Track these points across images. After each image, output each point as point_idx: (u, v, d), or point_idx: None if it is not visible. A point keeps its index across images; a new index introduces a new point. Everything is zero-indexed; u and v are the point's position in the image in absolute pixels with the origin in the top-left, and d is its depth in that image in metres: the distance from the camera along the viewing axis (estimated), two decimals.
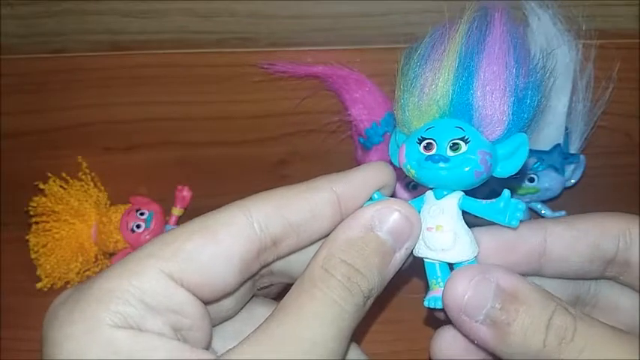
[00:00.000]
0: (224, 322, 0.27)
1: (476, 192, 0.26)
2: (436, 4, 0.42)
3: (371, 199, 0.27)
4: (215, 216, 0.24)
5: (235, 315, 0.28)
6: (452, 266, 0.26)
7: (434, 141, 0.25)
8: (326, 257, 0.24)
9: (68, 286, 0.47)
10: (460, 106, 0.25)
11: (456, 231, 0.26)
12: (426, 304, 0.26)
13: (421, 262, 0.27)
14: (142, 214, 0.46)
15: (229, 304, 0.26)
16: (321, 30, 0.43)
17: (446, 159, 0.25)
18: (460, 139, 0.25)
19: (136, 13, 0.43)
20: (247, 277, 0.25)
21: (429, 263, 0.26)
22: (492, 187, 0.31)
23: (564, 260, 0.27)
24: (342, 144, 0.47)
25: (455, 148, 0.25)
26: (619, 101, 0.43)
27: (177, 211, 0.49)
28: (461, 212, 0.26)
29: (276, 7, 0.42)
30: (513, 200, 0.25)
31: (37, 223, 0.48)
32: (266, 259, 0.25)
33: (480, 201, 0.26)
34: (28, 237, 0.48)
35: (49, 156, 0.49)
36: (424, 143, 0.26)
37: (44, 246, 0.47)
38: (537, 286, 0.24)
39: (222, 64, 0.44)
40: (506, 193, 0.25)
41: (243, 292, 0.27)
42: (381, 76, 0.44)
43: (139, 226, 0.46)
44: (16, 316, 0.46)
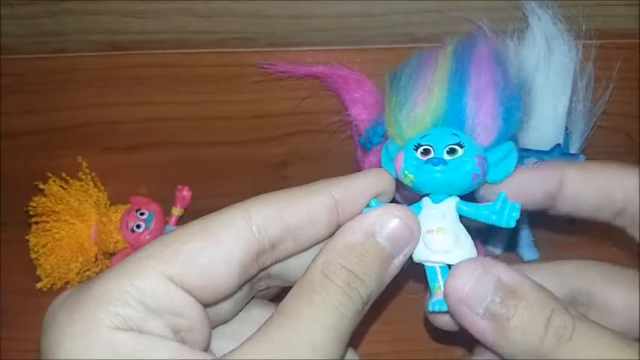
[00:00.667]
0: (222, 324, 0.27)
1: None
2: (436, 4, 0.42)
3: (368, 205, 0.27)
4: (215, 218, 0.24)
5: (233, 317, 0.28)
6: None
7: (431, 147, 0.26)
8: (325, 262, 0.24)
9: (68, 286, 0.47)
10: (453, 115, 0.27)
11: (456, 232, 0.26)
12: (430, 308, 0.26)
13: (420, 267, 0.27)
14: (142, 214, 0.46)
15: (228, 307, 0.26)
16: (321, 30, 0.43)
17: (444, 162, 0.26)
18: (456, 144, 0.26)
19: (135, 13, 0.43)
20: (246, 279, 0.25)
21: (430, 268, 0.27)
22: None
23: (576, 202, 0.29)
24: (342, 144, 0.46)
25: (452, 152, 0.26)
26: (619, 101, 0.43)
27: (177, 211, 0.49)
28: (459, 216, 0.27)
29: (276, 7, 0.42)
30: (509, 201, 0.26)
31: (37, 223, 0.48)
32: (264, 262, 0.25)
33: (476, 204, 0.26)
34: (28, 237, 0.48)
35: (49, 156, 0.49)
36: (421, 149, 0.26)
37: (44, 246, 0.47)
38: (538, 284, 0.25)
39: (222, 64, 0.44)
40: (502, 194, 0.26)
41: (242, 295, 0.27)
42: (381, 76, 0.43)
43: (139, 226, 0.46)
44: (16, 316, 0.46)
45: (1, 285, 0.48)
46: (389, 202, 0.28)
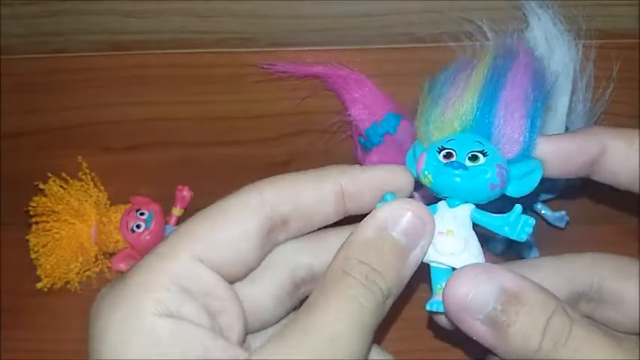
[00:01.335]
0: (268, 326, 0.28)
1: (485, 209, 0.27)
2: (436, 4, 0.42)
3: (384, 200, 0.27)
4: (231, 199, 0.26)
5: (277, 320, 0.29)
6: None
7: (454, 151, 0.27)
8: (344, 260, 0.25)
9: (68, 286, 0.47)
10: (482, 123, 0.27)
11: (466, 237, 0.26)
12: (427, 307, 0.27)
13: (427, 267, 0.27)
14: (142, 214, 0.46)
15: (269, 305, 0.28)
16: (321, 30, 0.43)
17: (465, 167, 0.26)
18: (479, 152, 0.26)
19: (135, 13, 0.43)
20: (265, 253, 0.27)
21: (435, 268, 0.27)
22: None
23: (616, 172, 0.28)
24: (342, 144, 0.46)
25: (473, 159, 0.26)
26: (619, 101, 0.43)
27: (177, 211, 0.49)
28: (472, 223, 0.27)
29: (276, 7, 0.42)
30: (524, 216, 0.26)
31: (37, 223, 0.48)
32: (277, 236, 0.27)
33: (491, 214, 0.27)
34: (28, 237, 0.48)
35: (49, 156, 0.49)
36: (444, 152, 0.27)
37: (44, 246, 0.47)
38: (539, 286, 0.25)
39: (221, 64, 0.44)
40: (518, 208, 0.26)
41: (283, 295, 0.28)
42: (381, 76, 0.44)
43: (139, 226, 0.46)
44: (16, 316, 0.46)
45: (1, 285, 0.48)
46: None
